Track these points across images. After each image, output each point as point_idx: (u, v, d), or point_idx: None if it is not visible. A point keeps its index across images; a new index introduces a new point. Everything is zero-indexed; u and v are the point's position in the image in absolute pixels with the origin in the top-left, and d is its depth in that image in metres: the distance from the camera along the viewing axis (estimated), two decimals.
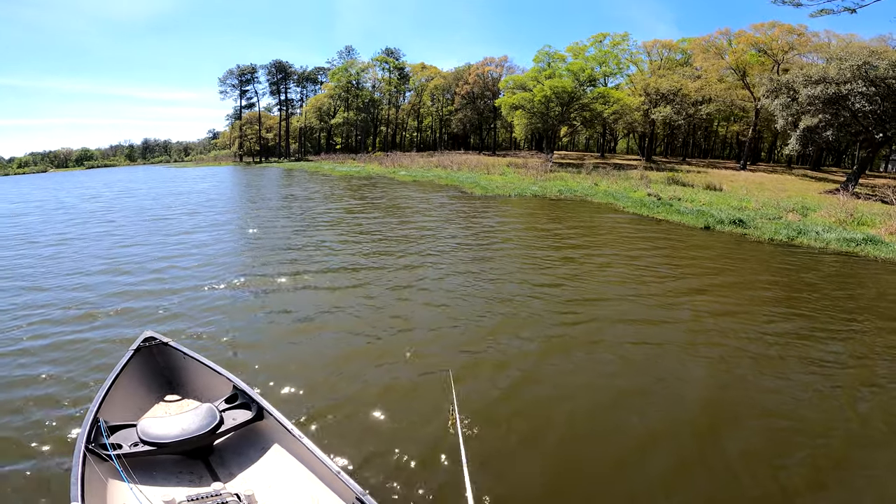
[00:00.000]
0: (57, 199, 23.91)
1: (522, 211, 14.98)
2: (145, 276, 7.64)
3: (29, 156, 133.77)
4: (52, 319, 5.73)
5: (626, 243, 10.07)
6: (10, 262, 9.02)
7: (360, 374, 4.39)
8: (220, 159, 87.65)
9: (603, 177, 23.43)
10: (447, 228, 11.68)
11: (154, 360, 3.71)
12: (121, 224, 13.50)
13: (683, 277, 7.44)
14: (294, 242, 10.18)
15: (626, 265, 8.09)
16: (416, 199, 17.83)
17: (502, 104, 41.01)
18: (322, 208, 15.90)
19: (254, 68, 72.45)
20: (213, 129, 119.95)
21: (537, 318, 5.59)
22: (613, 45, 46.84)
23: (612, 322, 5.51)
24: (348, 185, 25.09)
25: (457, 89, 61.63)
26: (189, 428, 2.88)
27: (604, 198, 17.24)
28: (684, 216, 13.46)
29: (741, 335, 5.30)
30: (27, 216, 16.75)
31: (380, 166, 38.17)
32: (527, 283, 6.91)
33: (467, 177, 24.67)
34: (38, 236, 11.92)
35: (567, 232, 11.29)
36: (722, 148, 71.37)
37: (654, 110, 40.11)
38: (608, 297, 6.36)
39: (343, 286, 6.95)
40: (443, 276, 7.56)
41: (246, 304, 6.28)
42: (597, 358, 4.72)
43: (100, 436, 2.80)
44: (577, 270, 7.84)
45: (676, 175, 24.23)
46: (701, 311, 6.05)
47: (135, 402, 3.43)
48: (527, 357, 4.77)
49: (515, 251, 9.09)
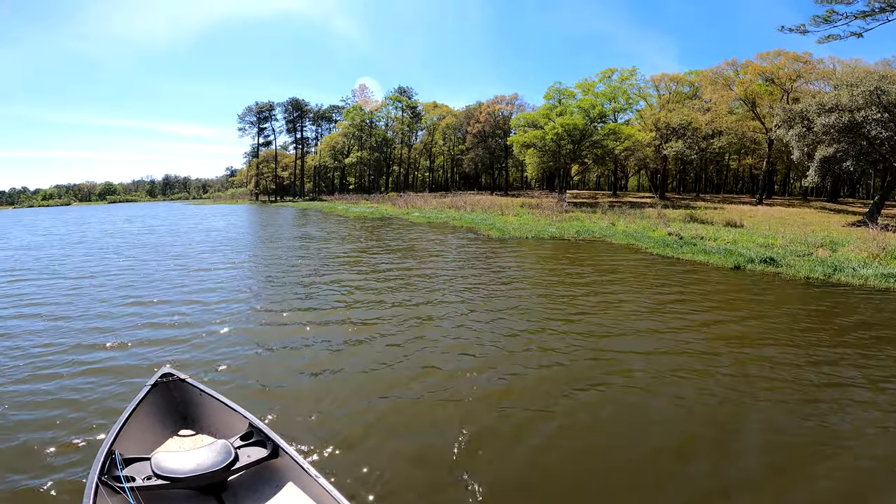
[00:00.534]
0: (81, 232, 25.07)
1: (541, 253, 14.66)
2: (165, 311, 7.83)
3: (54, 188, 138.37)
4: (71, 352, 5.89)
5: (653, 286, 9.65)
6: (33, 294, 9.36)
7: (377, 413, 4.36)
8: (236, 197, 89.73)
9: (619, 216, 23.16)
10: (465, 270, 11.40)
11: (171, 395, 3.74)
12: (143, 259, 14.00)
13: (723, 322, 6.98)
14: (311, 282, 10.24)
15: (658, 310, 7.66)
16: (432, 241, 17.68)
17: (514, 143, 41.54)
18: (339, 249, 15.83)
19: (271, 105, 75.10)
20: (231, 166, 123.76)
21: (570, 370, 5.18)
22: (622, 80, 47.63)
23: (653, 371, 5.07)
24: (363, 226, 25.19)
25: (468, 128, 62.84)
26: (203, 463, 2.87)
27: (623, 238, 16.89)
28: (711, 256, 13.02)
29: (802, 381, 4.87)
30: (51, 249, 17.69)
31: (393, 207, 38.48)
32: (550, 328, 6.53)
33: (482, 218, 24.57)
34: (62, 270, 12.38)
35: (590, 274, 10.92)
36: (734, 182, 71.10)
37: (665, 145, 40.23)
38: (646, 346, 5.92)
39: (360, 326, 7.02)
40: (462, 319, 7.34)
41: (263, 341, 6.38)
42: (637, 406, 4.33)
43: (114, 468, 2.81)
44: (606, 315, 7.45)
45: (694, 212, 23.88)
46: (750, 357, 5.59)
47: (150, 437, 3.45)
48: (550, 403, 4.53)
49: (537, 295, 8.74)
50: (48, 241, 20.20)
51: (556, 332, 6.60)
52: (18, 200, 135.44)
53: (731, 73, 42.46)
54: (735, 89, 40.36)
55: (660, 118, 41.60)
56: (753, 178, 58.22)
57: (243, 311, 7.87)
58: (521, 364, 5.54)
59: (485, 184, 79.54)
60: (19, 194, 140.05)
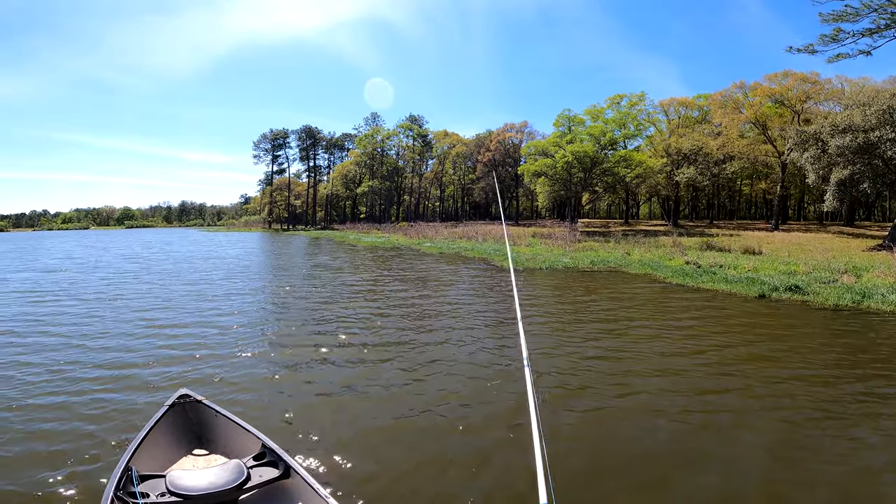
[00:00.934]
0: (98, 257, 25.73)
1: (556, 283, 14.41)
2: (182, 336, 8.04)
3: (74, 212, 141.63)
4: (91, 374, 6.11)
5: (675, 316, 9.31)
6: (53, 317, 9.70)
7: (389, 438, 4.41)
8: (249, 225, 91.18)
9: (634, 245, 22.86)
10: (479, 300, 11.19)
11: (187, 416, 3.84)
12: (161, 285, 14.45)
13: (758, 361, 6.62)
14: (324, 312, 10.27)
15: (682, 342, 7.34)
16: (445, 272, 17.55)
17: (525, 171, 41.82)
18: (352, 279, 15.79)
19: (286, 133, 76.86)
20: (246, 193, 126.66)
21: (606, 413, 4.88)
22: (631, 105, 48.01)
23: (682, 411, 4.75)
24: (375, 256, 25.21)
25: (479, 157, 63.58)
26: (216, 482, 2.92)
27: (640, 268, 16.56)
28: (733, 285, 12.65)
29: (856, 421, 4.50)
30: (69, 272, 18.23)
31: (404, 237, 38.59)
32: (567, 357, 6.26)
33: (494, 248, 24.38)
34: (81, 293, 12.77)
35: (609, 305, 10.64)
36: (747, 207, 70.42)
37: (677, 172, 40.13)
38: (673, 385, 5.60)
39: (373, 356, 7.03)
40: (476, 350, 7.16)
41: (277, 365, 6.56)
42: (665, 448, 3.98)
43: (129, 484, 2.89)
44: (627, 345, 7.17)
45: (710, 240, 23.51)
46: (792, 395, 5.22)
47: (165, 455, 3.53)
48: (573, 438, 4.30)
49: (555, 326, 8.48)
50: (70, 265, 20.70)
51: (572, 360, 6.34)
52: (38, 223, 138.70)
53: (739, 95, 42.43)
54: (745, 112, 40.31)
55: (670, 144, 41.68)
56: (767, 204, 57.59)
57: (258, 337, 8.09)
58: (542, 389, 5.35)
59: (494, 213, 79.82)
60: (39, 217, 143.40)
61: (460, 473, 3.83)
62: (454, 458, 4.04)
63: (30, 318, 9.53)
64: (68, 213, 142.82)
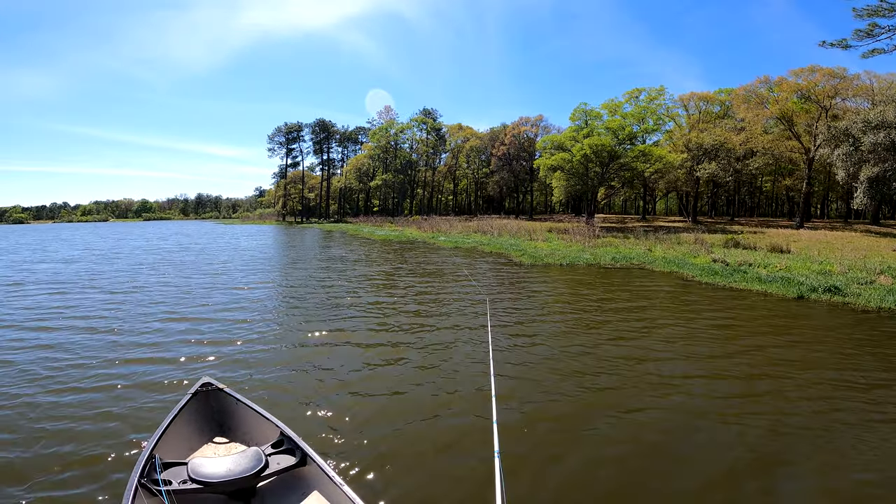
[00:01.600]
0: (118, 248, 26.38)
1: (580, 279, 13.95)
2: (203, 326, 8.15)
3: (93, 204, 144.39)
4: (115, 363, 6.24)
5: (712, 318, 8.85)
6: (75, 307, 9.81)
7: (401, 428, 4.47)
8: (264, 217, 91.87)
9: (655, 242, 22.24)
10: (499, 296, 10.82)
11: (209, 404, 3.92)
12: (181, 276, 14.73)
13: (813, 368, 6.19)
14: (341, 302, 10.34)
15: (723, 342, 6.93)
16: (463, 265, 17.20)
17: (540, 165, 41.09)
18: (368, 271, 15.60)
19: (300, 126, 76.97)
20: (260, 186, 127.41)
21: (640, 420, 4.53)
22: (650, 100, 46.82)
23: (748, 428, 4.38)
24: (390, 249, 24.97)
25: (493, 150, 62.80)
26: (235, 469, 2.96)
27: (664, 265, 15.99)
28: (768, 284, 12.09)
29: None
30: (90, 263, 18.55)
31: (418, 230, 38.26)
32: (599, 356, 5.90)
33: (510, 243, 23.84)
34: (103, 285, 12.92)
35: (640, 304, 10.19)
36: (767, 204, 68.71)
37: (698, 167, 39.11)
38: (720, 389, 5.22)
39: (393, 346, 7.13)
40: (497, 343, 6.96)
41: (296, 355, 6.66)
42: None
43: (153, 471, 2.97)
44: (665, 347, 6.76)
45: (735, 237, 22.75)
46: (865, 412, 4.82)
47: (187, 442, 3.62)
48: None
49: (582, 321, 8.11)
50: (90, 256, 21.01)
51: (606, 360, 5.97)
52: (58, 215, 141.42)
53: (764, 90, 41.30)
54: (769, 108, 39.13)
55: (691, 139, 40.62)
56: (789, 201, 56.09)
57: (276, 328, 8.16)
58: (568, 389, 5.07)
59: (508, 207, 79.13)
60: (60, 209, 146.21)
61: (475, 471, 3.79)
62: (469, 453, 4.03)
63: (53, 309, 9.58)
64: (88, 206, 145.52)
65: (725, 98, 50.37)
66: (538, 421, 4.63)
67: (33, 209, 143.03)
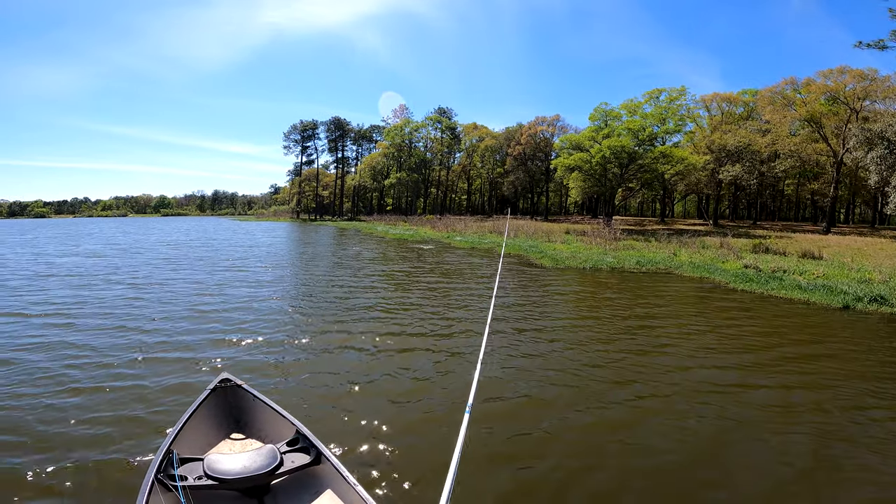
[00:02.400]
0: (139, 243, 26.68)
1: (605, 284, 13.44)
2: (223, 321, 8.21)
3: (113, 199, 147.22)
4: (136, 357, 6.24)
5: (758, 330, 8.29)
6: (97, 300, 9.89)
7: (415, 430, 4.42)
8: (278, 214, 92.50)
9: (679, 245, 21.54)
10: (528, 299, 10.37)
11: (226, 400, 3.91)
12: (201, 271, 15.00)
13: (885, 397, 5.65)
14: (362, 303, 10.19)
15: (765, 351, 6.41)
16: (482, 266, 16.78)
17: (558, 166, 40.41)
18: (385, 269, 15.27)
19: (315, 124, 77.20)
20: (276, 183, 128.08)
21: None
22: (670, 100, 45.85)
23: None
24: (406, 248, 24.68)
25: (508, 150, 62.13)
26: (250, 466, 2.95)
27: (692, 270, 15.35)
28: (809, 293, 11.42)
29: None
30: (111, 258, 18.87)
31: (432, 230, 37.87)
32: (645, 368, 5.44)
33: (529, 245, 23.22)
34: (124, 279, 13.15)
35: (674, 310, 9.67)
36: (788, 208, 66.99)
37: (721, 169, 38.09)
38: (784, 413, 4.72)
39: (416, 347, 7.01)
40: (545, 351, 6.61)
41: (315, 354, 6.60)
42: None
43: (170, 466, 2.96)
44: (712, 356, 6.25)
45: (762, 242, 21.95)
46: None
47: (204, 438, 3.60)
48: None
49: (616, 327, 7.63)
50: (111, 251, 21.18)
51: (650, 368, 5.51)
52: (79, 210, 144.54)
53: (790, 92, 40.22)
54: (796, 110, 38.03)
55: (714, 140, 39.59)
56: (813, 205, 54.53)
57: (295, 323, 8.22)
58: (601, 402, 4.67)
59: (522, 207, 78.35)
60: (80, 204, 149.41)
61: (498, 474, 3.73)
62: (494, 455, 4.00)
63: (76, 302, 9.65)
64: (108, 201, 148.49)
65: (749, 99, 49.15)
66: (592, 429, 4.48)
67: (55, 204, 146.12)
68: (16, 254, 20.54)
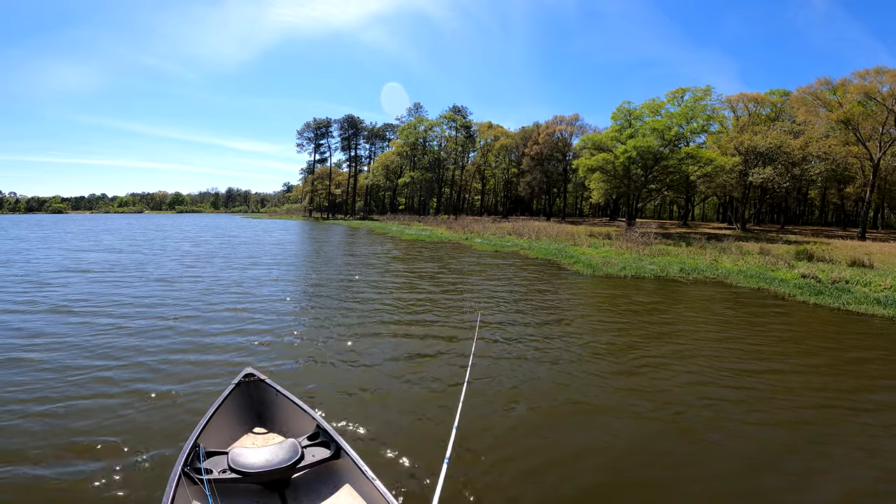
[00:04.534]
0: (162, 242, 26.76)
1: (661, 294, 12.22)
2: (245, 318, 8.29)
3: (129, 196, 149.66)
4: (160, 352, 6.31)
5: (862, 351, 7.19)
6: (115, 297, 9.92)
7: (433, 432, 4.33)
8: (291, 212, 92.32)
9: (718, 251, 20.28)
10: (587, 316, 9.34)
11: (250, 394, 3.95)
12: (220, 268, 15.28)
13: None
14: (390, 303, 10.01)
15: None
16: (512, 272, 15.73)
17: (580, 166, 39.17)
18: (410, 268, 14.30)
19: (328, 122, 76.76)
20: (288, 182, 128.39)
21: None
22: (695, 100, 44.42)
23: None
24: (424, 249, 23.74)
25: (525, 150, 60.98)
26: (272, 460, 2.98)
27: (745, 280, 13.96)
28: (889, 307, 10.23)
29: None
30: (136, 255, 19.09)
31: (449, 231, 36.79)
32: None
33: (556, 248, 21.93)
34: (145, 275, 13.41)
35: (763, 330, 8.59)
36: (810, 212, 65.04)
37: (751, 171, 36.59)
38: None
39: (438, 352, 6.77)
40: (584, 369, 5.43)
41: (334, 352, 6.56)
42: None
43: (196, 460, 3.03)
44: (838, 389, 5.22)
45: (807, 248, 20.63)
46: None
47: (229, 432, 3.64)
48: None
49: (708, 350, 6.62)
50: (129, 247, 21.17)
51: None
52: (96, 206, 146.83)
53: (824, 92, 38.69)
54: (825, 111, 36.58)
55: (743, 141, 38.07)
56: (840, 209, 52.69)
57: (316, 321, 8.27)
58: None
59: (536, 208, 77.07)
60: (98, 200, 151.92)
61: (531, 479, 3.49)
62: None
63: (97, 298, 9.75)
64: (124, 198, 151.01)
65: (777, 100, 47.57)
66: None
67: (72, 200, 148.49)
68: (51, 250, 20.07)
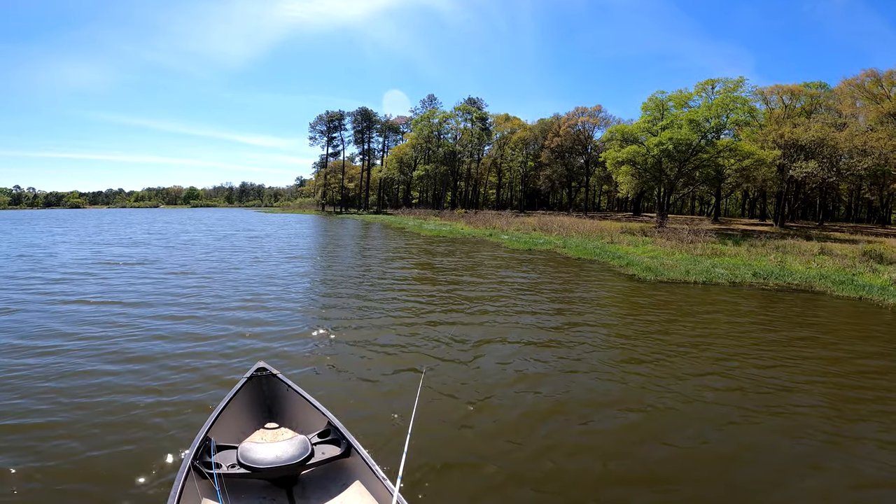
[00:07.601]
0: (184, 236, 26.81)
1: (804, 322, 9.52)
2: (261, 313, 8.23)
3: (146, 191, 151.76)
4: (176, 345, 6.26)
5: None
6: (130, 291, 9.98)
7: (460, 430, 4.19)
8: (303, 207, 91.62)
9: (780, 252, 18.36)
10: (732, 348, 7.69)
11: (261, 389, 3.91)
12: (238, 262, 15.42)
13: None
14: (419, 305, 9.42)
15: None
16: (570, 277, 14.08)
17: (607, 159, 37.14)
18: (431, 268, 12.73)
19: (341, 115, 75.35)
20: (301, 176, 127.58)
21: None
22: (727, 91, 42.05)
23: None
24: (450, 245, 22.15)
25: (545, 142, 58.92)
26: (282, 456, 2.96)
27: (837, 286, 11.86)
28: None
29: None
30: (156, 248, 19.52)
31: (469, 226, 35.04)
32: None
33: (592, 246, 19.97)
34: (173, 266, 13.91)
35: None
36: (837, 208, 62.48)
37: (793, 165, 34.33)
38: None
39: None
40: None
41: (351, 347, 6.44)
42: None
43: (206, 454, 3.00)
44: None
45: (875, 248, 18.64)
46: None
47: (239, 427, 3.59)
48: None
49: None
50: (150, 239, 21.23)
51: None
52: (113, 201, 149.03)
53: (871, 84, 36.44)
54: (873, 103, 34.45)
55: (783, 133, 35.75)
56: (883, 205, 50.09)
57: (334, 316, 8.21)
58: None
59: (552, 202, 74.98)
60: (115, 195, 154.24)
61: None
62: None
63: (114, 291, 9.92)
64: (140, 193, 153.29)
65: (814, 92, 45.14)
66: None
67: (89, 194, 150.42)
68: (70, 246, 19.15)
